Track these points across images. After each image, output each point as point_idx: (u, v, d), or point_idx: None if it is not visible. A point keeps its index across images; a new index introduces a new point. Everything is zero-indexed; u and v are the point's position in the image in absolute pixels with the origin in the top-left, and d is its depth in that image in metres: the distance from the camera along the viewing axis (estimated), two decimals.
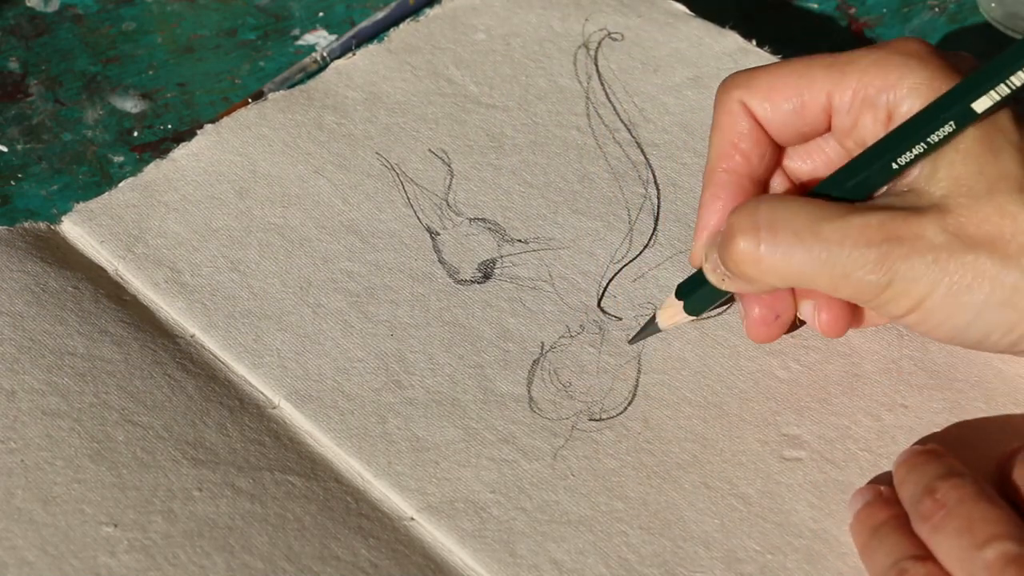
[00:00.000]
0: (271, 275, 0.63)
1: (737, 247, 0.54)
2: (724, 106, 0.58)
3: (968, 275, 0.52)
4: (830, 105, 0.56)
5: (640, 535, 0.55)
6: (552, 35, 0.72)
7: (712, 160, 0.58)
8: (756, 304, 0.58)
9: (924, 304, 0.53)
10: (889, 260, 0.52)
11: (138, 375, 0.59)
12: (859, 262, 0.52)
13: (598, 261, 0.64)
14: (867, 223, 0.52)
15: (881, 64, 0.55)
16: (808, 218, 0.53)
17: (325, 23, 0.77)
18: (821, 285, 0.54)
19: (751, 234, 0.53)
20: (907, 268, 0.52)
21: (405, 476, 0.57)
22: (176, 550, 0.54)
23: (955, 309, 0.53)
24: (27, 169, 0.70)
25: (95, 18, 0.77)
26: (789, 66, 0.57)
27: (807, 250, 0.53)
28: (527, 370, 0.60)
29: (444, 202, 0.66)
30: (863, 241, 0.52)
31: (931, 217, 0.53)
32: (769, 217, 0.54)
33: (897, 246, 0.52)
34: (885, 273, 0.52)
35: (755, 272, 0.54)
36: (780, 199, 0.54)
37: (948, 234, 0.52)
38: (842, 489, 0.56)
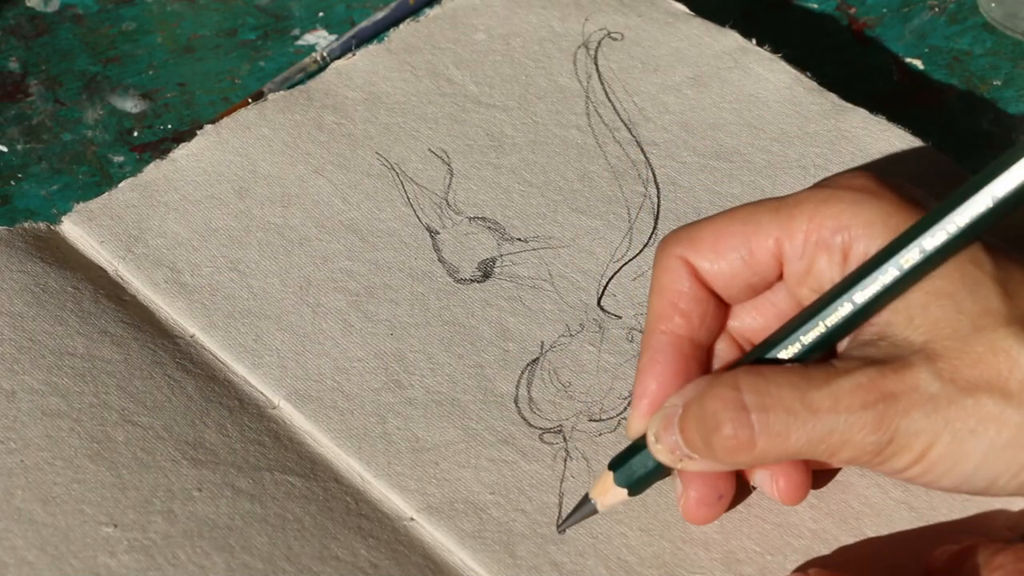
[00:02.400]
0: (271, 275, 0.63)
1: (726, 434, 0.50)
2: (663, 263, 0.54)
3: (971, 420, 0.49)
4: (780, 252, 0.53)
5: (639, 536, 0.55)
6: (552, 35, 0.72)
7: (650, 321, 0.54)
8: (695, 485, 0.54)
9: (928, 455, 0.50)
10: (887, 418, 0.49)
11: (138, 375, 0.59)
12: (857, 426, 0.49)
13: (598, 260, 0.64)
14: (858, 384, 0.49)
15: (831, 203, 0.52)
16: (794, 390, 0.50)
17: (325, 23, 0.77)
18: (818, 455, 0.50)
19: (741, 420, 0.50)
20: (907, 423, 0.49)
21: (405, 476, 0.57)
22: (176, 550, 0.54)
23: (960, 456, 0.50)
24: (27, 169, 0.70)
25: (95, 18, 0.77)
26: (733, 215, 0.54)
27: (802, 425, 0.49)
28: (527, 370, 0.60)
29: (444, 201, 0.66)
30: (857, 404, 0.49)
31: (921, 365, 0.50)
32: (755, 397, 0.50)
33: (893, 403, 0.49)
34: (885, 432, 0.49)
35: (747, 458, 0.50)
36: (757, 373, 0.51)
37: (943, 381, 0.49)
38: (842, 489, 0.56)
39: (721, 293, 0.54)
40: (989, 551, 0.50)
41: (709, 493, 0.54)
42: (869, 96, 0.69)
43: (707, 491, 0.54)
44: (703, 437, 0.51)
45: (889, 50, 0.75)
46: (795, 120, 0.67)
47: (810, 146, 0.66)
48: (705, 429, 0.51)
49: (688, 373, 0.53)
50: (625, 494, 0.54)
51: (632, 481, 0.54)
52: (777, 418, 0.50)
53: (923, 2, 0.76)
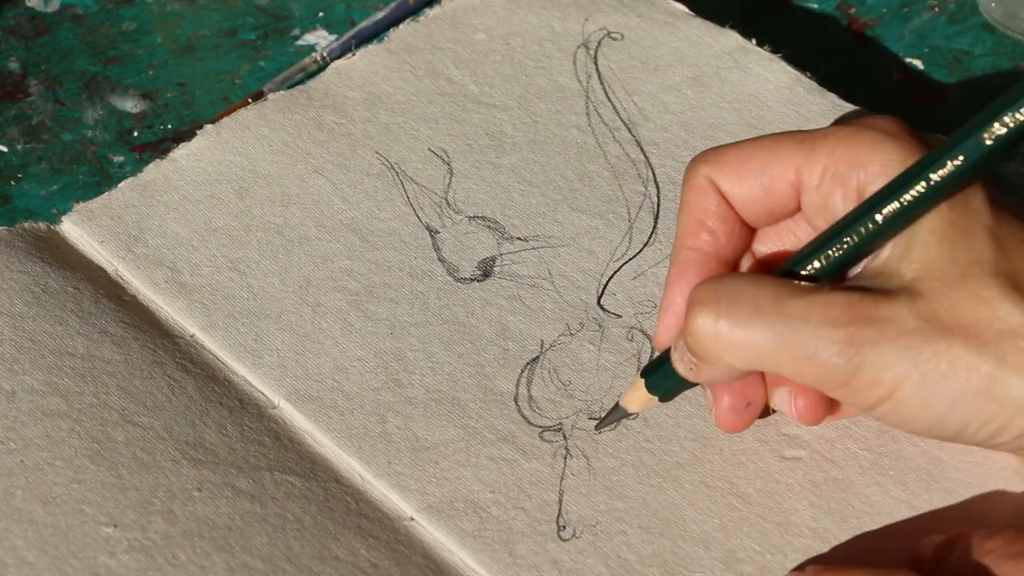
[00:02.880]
0: (271, 274, 0.63)
1: (696, 322, 0.51)
2: (691, 182, 0.55)
3: (943, 363, 0.49)
4: (800, 182, 0.54)
5: (640, 535, 0.55)
6: (552, 35, 0.72)
7: (679, 238, 0.56)
8: (726, 392, 0.55)
9: (896, 394, 0.50)
10: (856, 343, 0.49)
11: (138, 375, 0.59)
12: (823, 342, 0.50)
13: (598, 259, 0.64)
14: (833, 301, 0.50)
15: (852, 140, 0.53)
16: (772, 294, 0.51)
17: (325, 23, 0.77)
18: (783, 367, 0.51)
19: (710, 307, 0.51)
20: (876, 354, 0.49)
21: (405, 476, 0.57)
22: (176, 550, 0.54)
23: (930, 399, 0.50)
24: (27, 169, 0.70)
25: (95, 18, 0.77)
26: (758, 143, 0.55)
27: (768, 326, 0.50)
28: (527, 369, 0.60)
29: (444, 200, 0.66)
30: (828, 320, 0.50)
31: (902, 300, 0.50)
32: (730, 291, 0.51)
33: (865, 328, 0.49)
34: (852, 358, 0.50)
35: (714, 348, 0.51)
36: (745, 276, 0.52)
37: (920, 319, 0.50)
38: (842, 488, 0.56)
39: (743, 215, 0.55)
40: (979, 536, 0.50)
41: (737, 401, 0.55)
42: (869, 96, 0.69)
43: (735, 399, 0.55)
44: (687, 328, 0.52)
45: (889, 50, 0.75)
46: (795, 120, 0.67)
47: None
48: (688, 320, 0.52)
49: None
50: (655, 400, 0.56)
51: (661, 389, 0.56)
52: (743, 312, 0.50)
53: (923, 2, 0.76)
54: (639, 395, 0.56)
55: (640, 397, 0.56)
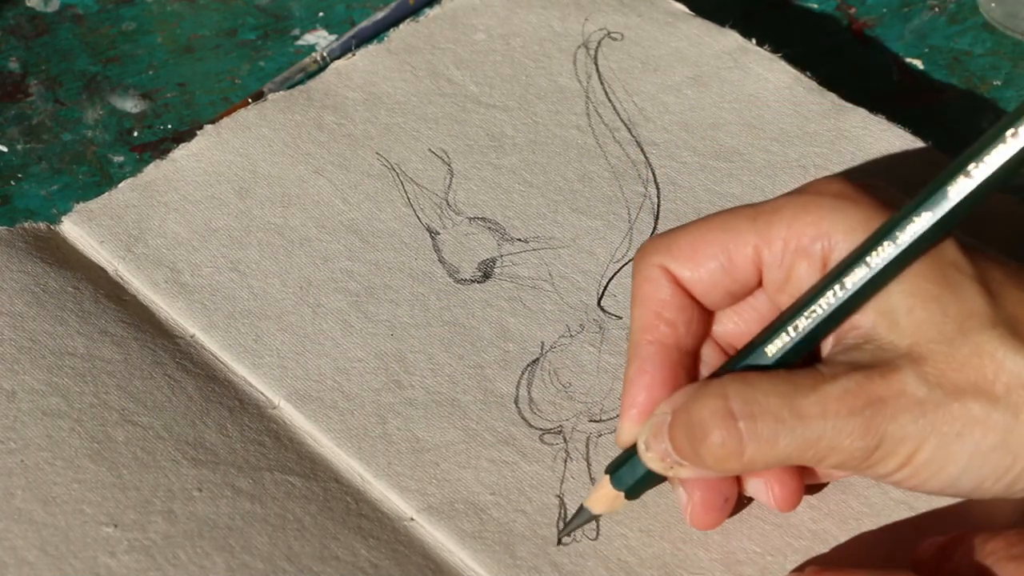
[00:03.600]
0: (271, 275, 0.63)
1: (714, 442, 0.50)
2: (643, 273, 0.54)
3: (957, 424, 0.49)
4: (759, 259, 0.52)
5: (639, 537, 0.55)
6: (552, 35, 0.72)
7: (635, 332, 0.54)
8: (699, 488, 0.54)
9: (914, 460, 0.50)
10: (875, 424, 0.49)
11: (138, 375, 0.59)
12: (845, 432, 0.49)
13: (598, 260, 0.64)
14: (845, 390, 0.49)
15: (810, 209, 0.52)
16: (782, 397, 0.50)
17: (325, 23, 0.77)
18: (806, 461, 0.51)
19: (728, 427, 0.50)
20: (895, 428, 0.49)
21: (405, 477, 0.57)
22: (176, 550, 0.54)
23: (946, 460, 0.50)
24: (27, 169, 0.70)
25: (95, 18, 0.77)
26: (709, 223, 0.53)
27: (790, 431, 0.49)
28: (527, 371, 0.60)
29: (444, 201, 0.66)
30: (845, 410, 0.49)
31: (907, 369, 0.49)
32: (743, 405, 0.50)
33: (881, 408, 0.49)
34: (872, 437, 0.49)
35: (736, 465, 0.50)
36: (744, 380, 0.50)
37: (930, 385, 0.49)
38: (842, 489, 0.56)
39: (702, 300, 0.54)
40: (980, 538, 0.50)
41: (714, 497, 0.54)
42: (869, 96, 0.69)
43: (711, 495, 0.54)
44: (692, 445, 0.51)
45: (889, 50, 0.75)
46: (795, 120, 0.67)
47: (810, 146, 0.66)
48: (693, 437, 0.50)
49: (676, 380, 0.53)
50: (622, 499, 0.54)
51: (628, 486, 0.54)
52: (765, 425, 0.49)
53: (923, 2, 0.76)
54: (605, 494, 0.54)
55: (606, 496, 0.54)
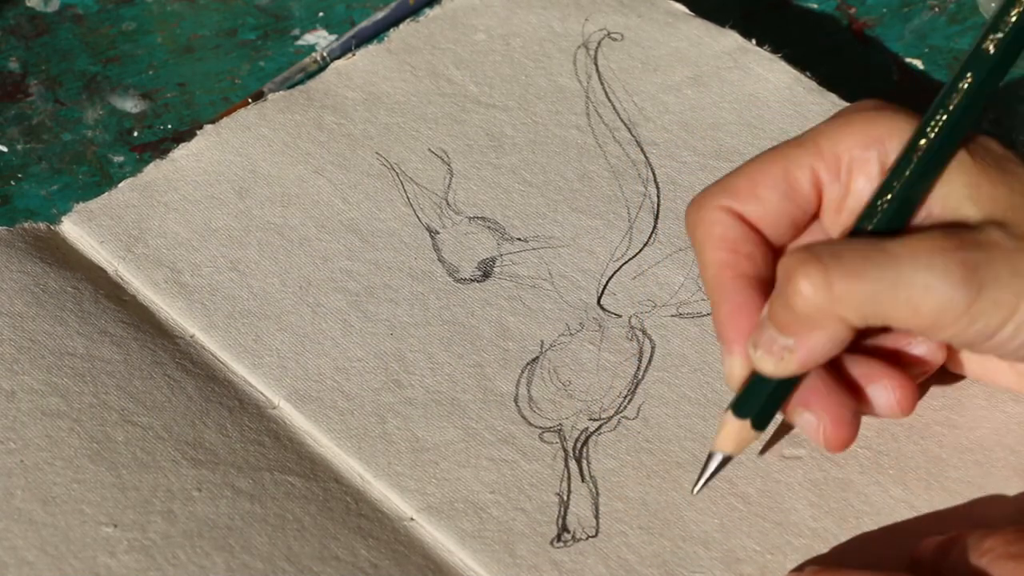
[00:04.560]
0: (271, 275, 0.63)
1: (803, 284, 0.49)
2: (708, 218, 0.54)
3: None
4: (818, 180, 0.53)
5: (639, 535, 0.55)
6: (552, 35, 0.72)
7: (714, 273, 0.54)
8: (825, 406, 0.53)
9: (1016, 314, 0.49)
10: (972, 267, 0.49)
11: (138, 375, 0.59)
12: (940, 270, 0.48)
13: (598, 259, 0.64)
14: (933, 235, 0.49)
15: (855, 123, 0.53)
16: (871, 244, 0.50)
17: (325, 23, 0.77)
18: (899, 309, 0.49)
19: (815, 265, 0.49)
20: (993, 275, 0.48)
21: (405, 476, 0.57)
22: (176, 550, 0.54)
23: None
24: (27, 169, 0.70)
25: (95, 18, 0.77)
26: (762, 159, 0.54)
27: (880, 267, 0.49)
28: (526, 369, 0.60)
29: (444, 201, 0.66)
30: (937, 249, 0.49)
31: (992, 228, 0.50)
32: (828, 248, 0.50)
33: (975, 250, 0.49)
34: (972, 281, 0.49)
35: (827, 303, 0.49)
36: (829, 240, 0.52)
37: (1018, 239, 0.50)
38: (842, 487, 0.56)
39: (768, 234, 0.54)
40: (977, 536, 0.51)
41: (842, 412, 0.53)
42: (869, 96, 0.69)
43: (839, 409, 0.53)
44: (785, 301, 0.50)
45: (889, 50, 0.75)
46: (795, 120, 0.67)
47: None
48: (786, 291, 0.50)
49: None
50: (750, 430, 0.53)
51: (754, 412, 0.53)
52: (851, 259, 0.49)
53: (923, 2, 0.76)
54: (730, 430, 0.54)
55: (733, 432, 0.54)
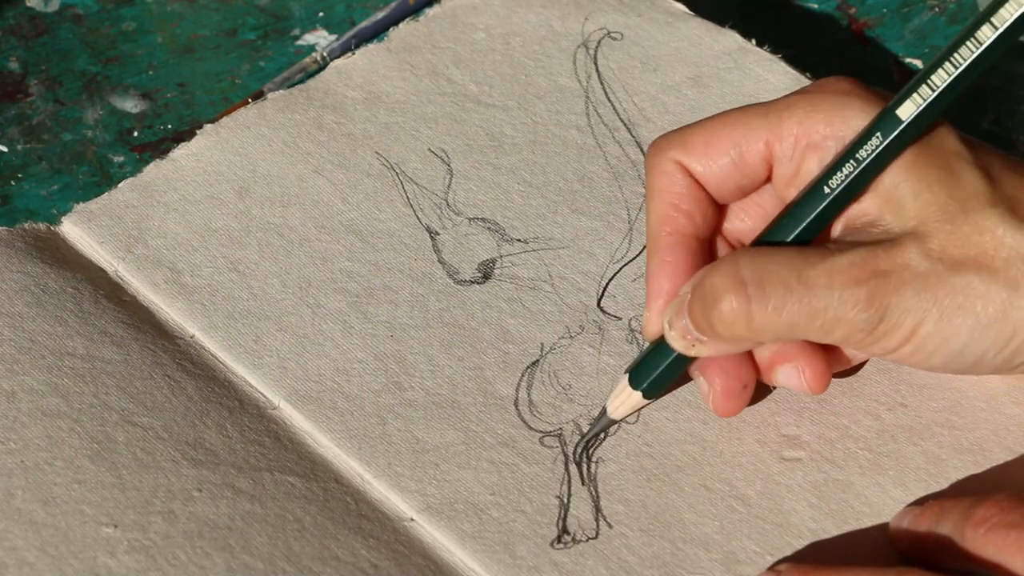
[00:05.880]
0: (271, 275, 0.63)
1: (725, 308, 0.52)
2: (659, 167, 0.56)
3: (959, 297, 0.52)
4: (770, 154, 0.55)
5: (640, 537, 0.55)
6: (552, 34, 0.72)
7: (654, 225, 0.56)
8: (718, 376, 0.56)
9: (918, 333, 0.52)
10: (879, 295, 0.52)
11: (138, 376, 0.59)
12: (850, 302, 0.52)
13: (598, 261, 0.64)
14: (851, 262, 0.52)
15: (821, 107, 0.55)
16: (791, 267, 0.52)
17: (325, 23, 0.77)
18: (813, 333, 0.53)
19: (738, 292, 0.52)
20: (898, 300, 0.52)
21: (405, 477, 0.57)
22: (176, 550, 0.54)
23: (949, 333, 0.52)
24: (27, 169, 0.70)
25: (95, 18, 0.77)
26: (722, 120, 0.56)
27: (798, 300, 0.52)
28: (527, 372, 0.60)
29: (444, 202, 0.66)
30: (851, 281, 0.52)
31: (911, 246, 0.52)
32: (753, 272, 0.52)
33: (884, 280, 0.52)
34: (877, 309, 0.52)
35: (746, 332, 0.53)
36: (756, 252, 0.53)
37: (932, 260, 0.52)
38: (842, 489, 0.56)
39: (714, 193, 0.56)
40: (965, 505, 0.50)
41: (733, 383, 0.56)
42: None
43: (730, 382, 0.56)
44: (705, 314, 0.53)
45: (889, 50, 0.75)
46: None
47: None
48: (706, 306, 0.53)
49: (696, 269, 0.55)
50: (640, 399, 0.56)
51: (644, 386, 0.56)
52: (773, 291, 0.52)
53: (923, 2, 0.76)
54: (624, 397, 0.57)
55: (626, 398, 0.57)
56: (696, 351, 0.54)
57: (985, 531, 0.49)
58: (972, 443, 0.57)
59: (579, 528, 0.55)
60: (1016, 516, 0.49)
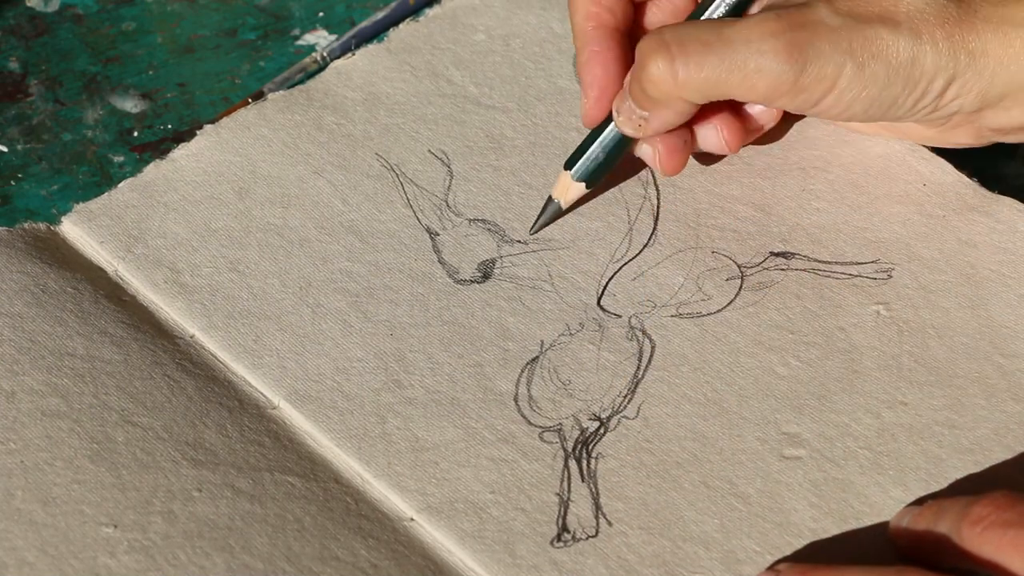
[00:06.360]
0: (271, 275, 0.63)
1: (652, 70, 0.58)
2: None
3: (871, 46, 0.57)
4: None
5: (640, 535, 0.55)
6: (552, 36, 0.72)
7: (579, 22, 0.62)
8: (660, 140, 0.62)
9: (837, 84, 0.57)
10: (797, 45, 0.57)
11: (138, 376, 0.59)
12: (769, 53, 0.57)
13: (598, 261, 0.64)
14: (765, 18, 0.57)
15: None
16: (712, 29, 0.57)
17: (325, 23, 0.77)
18: (736, 89, 0.58)
19: (663, 54, 0.57)
20: (815, 52, 0.57)
21: (405, 476, 0.57)
22: (176, 551, 0.54)
23: (865, 82, 0.58)
24: (27, 169, 0.70)
25: (95, 18, 0.77)
26: None
27: (718, 54, 0.57)
28: (527, 369, 0.60)
29: (444, 203, 0.66)
30: (768, 33, 0.57)
31: (820, 5, 0.57)
32: (675, 36, 0.58)
33: (801, 31, 0.57)
34: (797, 59, 0.57)
35: (674, 89, 0.58)
36: (679, 23, 0.59)
37: (842, 15, 0.57)
38: (842, 488, 0.56)
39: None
40: (961, 504, 0.50)
41: (675, 141, 0.62)
42: None
43: (671, 140, 0.62)
44: (640, 81, 0.58)
45: None
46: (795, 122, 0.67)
47: (810, 149, 0.66)
48: (639, 72, 0.58)
49: (623, 57, 0.62)
50: (583, 188, 0.63)
51: (587, 174, 0.63)
52: (694, 48, 0.57)
53: None
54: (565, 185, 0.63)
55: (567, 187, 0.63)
56: (642, 131, 0.61)
57: (982, 530, 0.49)
58: (972, 443, 0.57)
59: (579, 526, 0.55)
60: (1012, 514, 0.49)
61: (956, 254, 0.62)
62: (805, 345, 0.60)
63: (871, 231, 0.63)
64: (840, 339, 0.60)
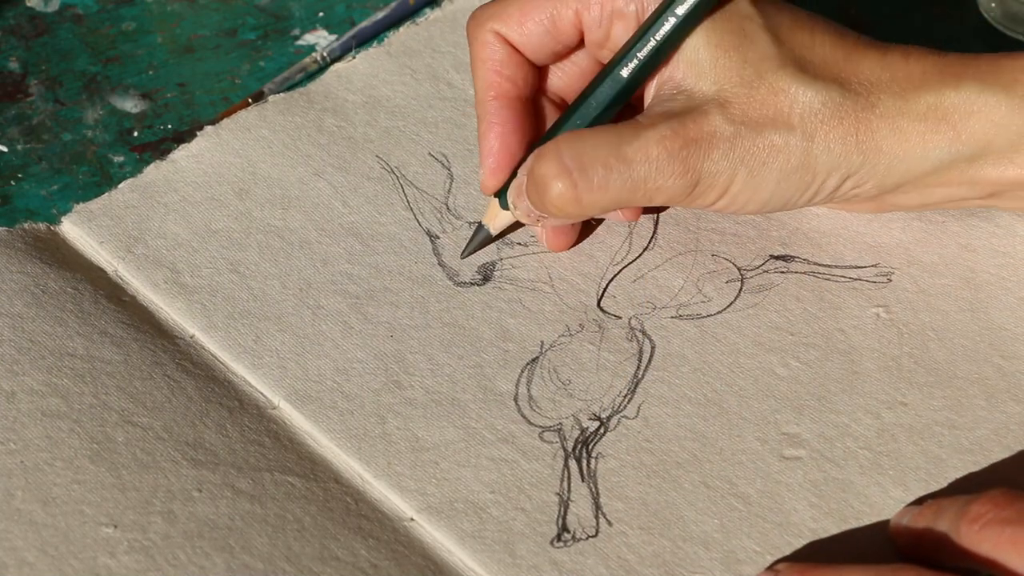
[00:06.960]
0: (271, 276, 0.63)
1: (554, 193, 0.58)
2: (479, 39, 0.61)
3: (763, 154, 0.57)
4: (580, 22, 0.60)
5: (640, 535, 0.55)
6: None
7: (480, 92, 0.62)
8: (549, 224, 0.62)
9: (730, 190, 0.58)
10: (692, 163, 0.57)
11: (138, 376, 0.59)
12: (666, 173, 0.57)
13: (598, 263, 0.64)
14: (663, 135, 0.57)
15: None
16: (609, 146, 0.57)
17: (325, 23, 0.77)
18: (638, 201, 0.58)
19: (564, 178, 0.57)
20: (709, 165, 0.57)
21: (405, 477, 0.57)
22: (176, 551, 0.54)
23: (758, 185, 0.58)
24: (27, 169, 0.70)
25: (95, 18, 0.77)
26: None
27: (619, 175, 0.57)
28: (526, 369, 0.60)
29: (444, 206, 0.66)
30: (664, 153, 0.57)
31: (715, 113, 0.57)
32: (574, 157, 0.57)
33: (695, 148, 0.57)
34: (692, 176, 0.57)
35: (577, 210, 0.58)
36: (575, 137, 0.58)
37: (735, 123, 0.57)
38: (842, 488, 0.56)
39: (532, 58, 0.62)
40: (960, 503, 0.50)
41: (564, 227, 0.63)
42: None
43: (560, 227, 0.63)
44: (541, 199, 0.58)
45: None
46: None
47: None
48: (540, 192, 0.58)
49: (521, 129, 0.62)
50: (511, 217, 0.62)
51: None
52: (595, 172, 0.57)
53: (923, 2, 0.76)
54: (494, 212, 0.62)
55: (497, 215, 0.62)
56: (542, 225, 0.62)
57: (980, 528, 0.49)
58: (972, 443, 0.57)
59: (579, 526, 0.55)
60: (1011, 512, 0.49)
61: (955, 258, 0.63)
62: (805, 346, 0.60)
63: (871, 236, 0.63)
64: (840, 341, 0.60)
